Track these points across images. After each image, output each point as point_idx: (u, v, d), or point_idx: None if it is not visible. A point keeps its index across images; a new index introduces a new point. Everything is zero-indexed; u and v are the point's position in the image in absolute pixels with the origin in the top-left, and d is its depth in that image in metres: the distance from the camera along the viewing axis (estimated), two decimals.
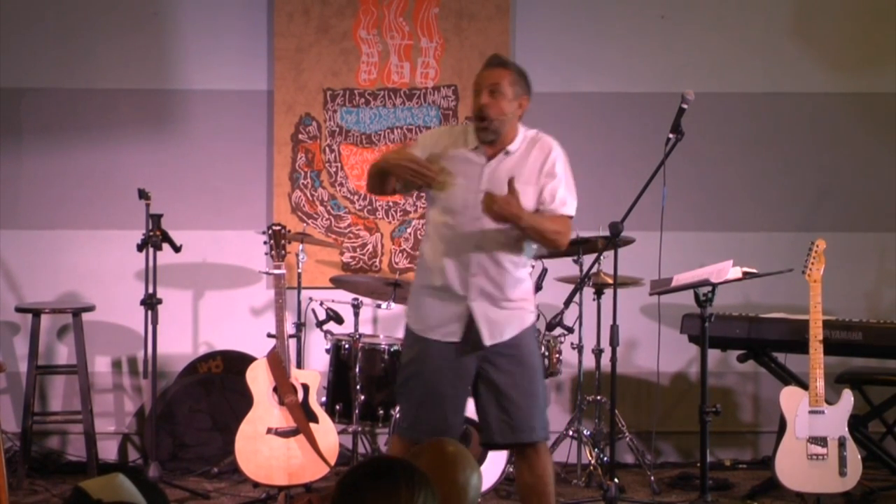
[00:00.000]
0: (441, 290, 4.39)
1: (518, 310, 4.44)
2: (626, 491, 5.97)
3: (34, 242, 6.59)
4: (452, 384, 4.40)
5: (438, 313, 4.40)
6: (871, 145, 6.81)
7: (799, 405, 5.50)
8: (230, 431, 5.81)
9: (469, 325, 4.37)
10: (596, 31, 6.71)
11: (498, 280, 4.38)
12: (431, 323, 4.42)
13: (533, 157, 4.42)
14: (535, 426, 4.41)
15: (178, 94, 6.63)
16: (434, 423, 4.35)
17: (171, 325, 6.33)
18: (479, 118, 4.37)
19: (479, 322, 4.36)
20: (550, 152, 4.44)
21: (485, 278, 4.37)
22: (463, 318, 4.38)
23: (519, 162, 4.40)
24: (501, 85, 4.38)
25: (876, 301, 6.76)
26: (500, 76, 4.40)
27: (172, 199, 6.26)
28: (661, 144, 5.23)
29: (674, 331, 6.15)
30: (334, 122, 6.64)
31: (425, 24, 6.65)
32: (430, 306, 4.42)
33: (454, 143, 4.42)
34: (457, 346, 4.38)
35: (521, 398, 4.39)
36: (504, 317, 4.40)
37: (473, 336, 4.37)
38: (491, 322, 4.38)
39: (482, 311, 4.37)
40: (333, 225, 6.67)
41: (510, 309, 4.41)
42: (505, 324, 4.40)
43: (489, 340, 4.37)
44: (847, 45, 6.78)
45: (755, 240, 6.72)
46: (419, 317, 4.46)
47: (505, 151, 4.40)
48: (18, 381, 6.45)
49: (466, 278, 4.36)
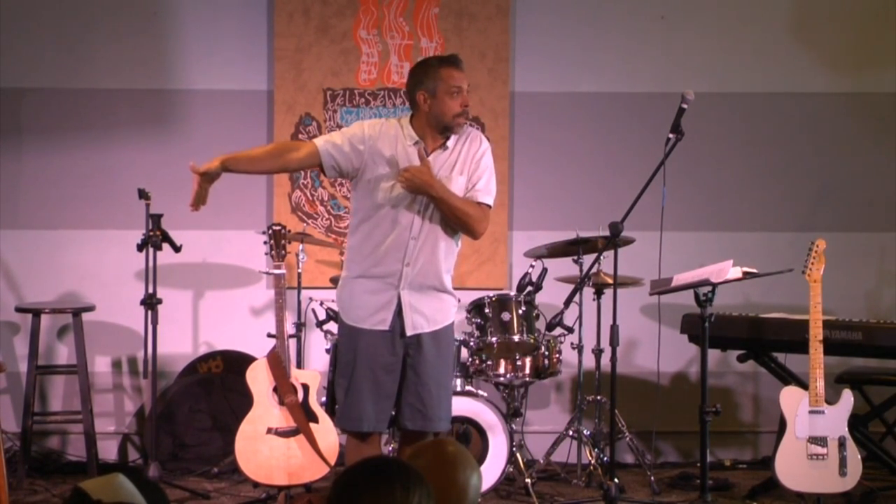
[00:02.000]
0: (375, 279, 4.57)
1: (443, 302, 4.64)
2: (626, 491, 5.97)
3: (34, 242, 6.59)
4: (387, 370, 4.57)
5: (369, 302, 4.57)
6: (871, 145, 6.81)
7: (799, 405, 5.50)
8: (230, 431, 5.81)
9: (398, 313, 4.56)
10: (596, 32, 6.71)
11: (429, 271, 4.58)
12: (362, 313, 4.59)
13: (465, 149, 4.64)
14: (443, 417, 4.65)
15: (178, 94, 6.63)
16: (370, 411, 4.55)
17: (171, 325, 6.33)
18: (463, 115, 4.58)
19: (405, 311, 4.55)
20: (480, 145, 4.67)
21: (418, 269, 4.55)
22: (392, 307, 4.55)
23: (455, 155, 4.62)
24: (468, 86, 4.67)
25: (876, 301, 6.76)
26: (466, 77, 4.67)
27: (172, 199, 6.24)
28: (661, 144, 5.23)
29: (674, 331, 6.15)
30: (334, 122, 6.64)
31: (425, 24, 6.65)
32: (361, 296, 4.59)
33: (395, 136, 4.58)
34: (385, 333, 4.56)
35: (437, 388, 4.61)
36: (431, 308, 4.60)
37: (401, 324, 4.56)
38: (417, 312, 4.57)
39: (410, 301, 4.56)
40: (333, 225, 6.67)
41: (437, 300, 4.62)
42: (430, 315, 4.60)
43: (412, 330, 4.56)
44: (847, 45, 6.78)
45: (755, 240, 6.72)
46: (351, 307, 4.62)
47: (443, 146, 4.60)
48: (18, 381, 6.45)
49: (401, 268, 4.54)
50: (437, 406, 4.61)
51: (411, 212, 4.53)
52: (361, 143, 4.56)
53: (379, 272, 4.56)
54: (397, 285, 4.55)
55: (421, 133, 4.59)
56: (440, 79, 4.57)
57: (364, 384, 4.57)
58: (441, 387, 4.64)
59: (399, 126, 4.62)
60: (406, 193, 4.51)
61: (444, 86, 4.56)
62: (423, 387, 4.58)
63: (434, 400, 4.60)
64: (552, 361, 5.90)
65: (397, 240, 4.54)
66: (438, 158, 4.59)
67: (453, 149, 4.62)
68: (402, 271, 4.54)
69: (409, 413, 4.60)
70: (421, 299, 4.58)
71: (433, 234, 4.56)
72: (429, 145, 4.59)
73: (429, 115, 4.58)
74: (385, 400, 4.58)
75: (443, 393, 4.65)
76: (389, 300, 4.55)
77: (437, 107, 4.56)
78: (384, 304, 4.56)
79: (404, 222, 4.53)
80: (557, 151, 6.69)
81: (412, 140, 4.57)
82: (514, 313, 5.78)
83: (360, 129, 4.60)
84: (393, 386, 4.59)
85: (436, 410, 4.60)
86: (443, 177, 4.54)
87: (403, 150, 4.56)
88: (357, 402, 4.58)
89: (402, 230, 4.53)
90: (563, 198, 6.64)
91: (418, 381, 4.59)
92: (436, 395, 4.60)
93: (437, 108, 4.56)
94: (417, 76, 4.63)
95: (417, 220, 4.54)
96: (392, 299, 4.55)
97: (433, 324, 4.61)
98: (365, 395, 4.56)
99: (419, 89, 4.59)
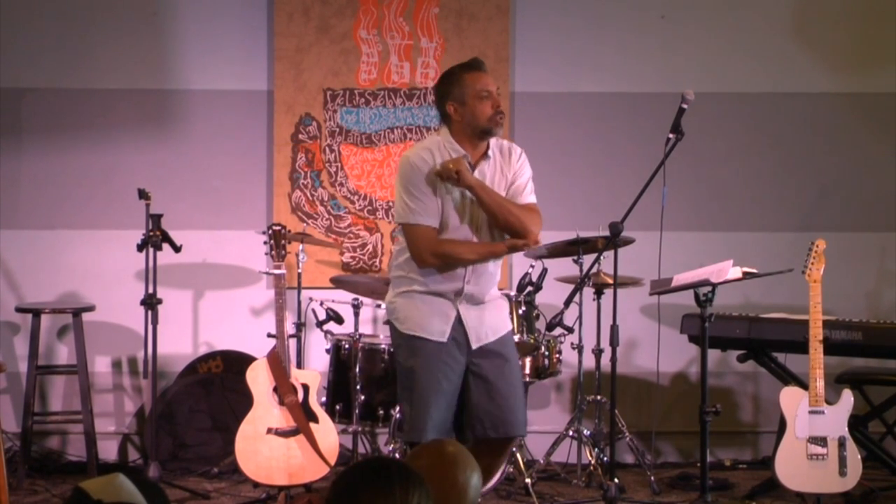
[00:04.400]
0: (433, 295, 4.54)
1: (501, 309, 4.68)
2: (626, 491, 5.97)
3: (34, 242, 6.59)
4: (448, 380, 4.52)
5: (428, 313, 4.54)
6: (871, 145, 6.81)
7: (799, 405, 5.50)
8: (230, 431, 5.81)
9: (456, 327, 4.53)
10: (596, 32, 6.71)
11: (487, 283, 4.62)
12: (423, 323, 4.54)
13: (504, 159, 4.63)
14: (521, 420, 4.61)
15: (178, 94, 6.63)
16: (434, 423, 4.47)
17: (171, 325, 6.33)
18: (497, 117, 4.53)
19: (468, 325, 4.54)
20: (519, 153, 4.67)
21: (475, 284, 4.55)
22: (450, 320, 4.54)
23: (496, 164, 4.61)
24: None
25: (876, 301, 6.76)
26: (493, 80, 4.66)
27: (172, 199, 6.27)
28: (661, 144, 5.23)
29: (674, 331, 6.16)
30: (334, 121, 6.64)
31: (425, 24, 6.65)
32: (420, 307, 4.55)
33: (441, 157, 4.53)
34: (446, 345, 4.52)
35: (512, 393, 4.57)
36: (492, 317, 4.61)
37: (462, 337, 4.54)
38: (479, 324, 4.57)
39: (470, 314, 4.56)
40: (333, 225, 6.67)
41: (496, 308, 4.65)
42: (492, 324, 4.60)
43: (476, 343, 4.56)
44: (847, 45, 6.78)
45: (755, 240, 6.72)
46: (408, 317, 4.57)
47: (485, 156, 4.58)
48: (18, 381, 6.45)
49: (461, 286, 4.53)
50: (516, 410, 4.56)
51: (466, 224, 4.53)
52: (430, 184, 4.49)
53: (438, 290, 4.54)
54: (456, 298, 4.55)
55: (462, 145, 4.54)
56: (465, 85, 4.53)
57: (427, 395, 4.50)
58: (515, 391, 4.60)
59: (443, 143, 4.55)
60: (461, 211, 4.51)
61: (472, 91, 4.52)
62: (498, 394, 4.53)
63: (512, 405, 4.55)
64: (552, 361, 5.90)
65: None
66: (483, 169, 4.57)
67: (496, 158, 4.60)
68: (463, 289, 4.54)
69: (490, 422, 4.53)
70: (481, 311, 4.59)
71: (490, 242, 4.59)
72: (473, 156, 4.57)
73: (462, 124, 4.53)
74: (447, 410, 4.52)
75: (518, 397, 4.61)
76: (448, 313, 4.54)
77: (469, 114, 4.52)
78: (444, 318, 4.54)
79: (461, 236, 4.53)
80: (557, 151, 6.69)
81: (459, 154, 4.52)
82: (515, 313, 5.78)
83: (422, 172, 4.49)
84: (454, 396, 4.53)
85: (515, 415, 4.55)
86: (492, 185, 4.54)
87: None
88: (421, 414, 4.50)
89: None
90: (563, 198, 6.63)
91: (491, 389, 4.53)
92: (512, 400, 4.56)
93: (469, 115, 4.52)
94: (443, 88, 4.59)
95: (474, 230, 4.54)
96: (451, 312, 4.54)
97: (495, 332, 4.60)
98: (428, 407, 4.49)
99: (447, 101, 4.55)
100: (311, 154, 6.65)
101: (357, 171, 6.65)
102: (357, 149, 6.66)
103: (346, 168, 6.66)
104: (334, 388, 5.98)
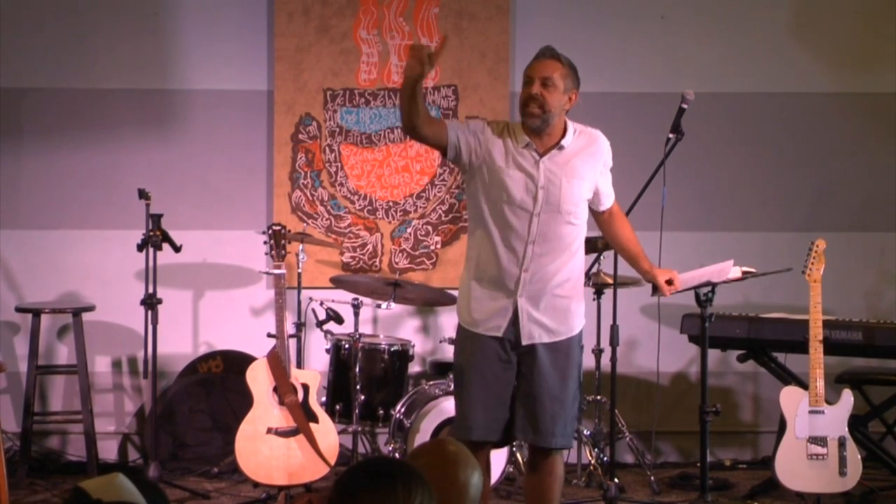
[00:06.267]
0: (491, 283, 4.37)
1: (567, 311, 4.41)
2: (626, 491, 5.98)
3: (34, 242, 6.59)
4: (499, 378, 4.37)
5: (485, 307, 4.38)
6: (871, 145, 6.81)
7: (799, 405, 5.50)
8: (230, 431, 5.81)
9: (513, 321, 4.35)
10: (596, 32, 6.71)
11: (551, 276, 4.36)
12: (478, 317, 4.39)
13: (586, 152, 4.43)
14: (557, 433, 4.38)
15: (178, 94, 6.63)
16: (480, 420, 4.35)
17: (171, 325, 6.33)
18: (527, 106, 4.33)
19: (522, 320, 4.35)
20: (605, 145, 4.50)
21: (536, 275, 4.34)
22: (508, 314, 4.35)
23: (573, 156, 4.40)
24: (553, 78, 4.36)
25: (876, 301, 6.76)
26: (553, 68, 4.38)
27: (172, 199, 6.26)
28: (661, 144, 5.23)
29: (674, 331, 6.16)
30: (334, 121, 6.64)
31: (425, 24, 6.65)
32: (479, 300, 4.39)
33: (507, 139, 4.37)
34: (500, 340, 4.36)
35: (550, 402, 4.36)
36: (551, 317, 4.38)
37: (516, 332, 4.36)
38: (534, 322, 4.36)
39: (527, 309, 4.35)
40: (333, 225, 6.67)
41: (560, 309, 4.39)
42: (550, 325, 4.39)
43: (527, 340, 4.36)
44: (847, 45, 6.78)
45: (755, 240, 6.72)
46: (467, 309, 4.42)
47: (558, 146, 4.38)
48: (18, 381, 6.45)
49: (518, 274, 4.33)
50: (550, 421, 4.35)
51: (526, 213, 4.32)
52: (485, 137, 4.34)
53: (495, 277, 4.35)
54: (515, 291, 4.34)
55: (527, 133, 4.36)
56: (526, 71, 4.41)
57: (475, 392, 4.36)
58: (556, 401, 4.36)
59: (510, 129, 4.39)
60: (522, 196, 4.31)
61: (524, 77, 4.39)
62: (534, 400, 4.35)
63: (546, 414, 4.34)
64: None
65: (513, 244, 4.33)
66: (555, 159, 4.36)
67: (573, 150, 4.40)
68: (520, 277, 4.33)
69: (521, 425, 4.36)
70: (541, 308, 4.36)
71: (554, 237, 4.35)
72: (538, 146, 4.37)
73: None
74: (497, 409, 4.36)
75: (557, 407, 4.36)
76: (505, 307, 4.35)
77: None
78: (500, 311, 4.35)
79: (519, 226, 4.32)
80: None
81: (523, 143, 4.35)
82: None
83: (483, 126, 4.39)
84: (506, 395, 4.36)
85: (548, 425, 4.35)
86: (561, 179, 4.33)
87: (514, 151, 4.35)
88: (468, 411, 4.38)
89: (518, 234, 4.32)
90: None
91: (530, 392, 4.35)
92: (549, 409, 4.34)
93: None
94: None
95: (535, 223, 4.32)
96: (508, 306, 4.35)
97: (553, 335, 4.38)
98: (475, 404, 4.36)
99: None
100: (311, 154, 6.65)
101: (357, 171, 6.65)
102: (357, 149, 6.66)
103: (346, 168, 6.66)
104: (334, 388, 5.98)
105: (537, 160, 4.35)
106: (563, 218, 4.37)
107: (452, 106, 6.65)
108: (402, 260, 6.65)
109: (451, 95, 6.65)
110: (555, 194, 4.34)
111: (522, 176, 4.33)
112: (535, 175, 4.34)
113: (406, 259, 6.65)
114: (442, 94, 6.65)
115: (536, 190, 4.32)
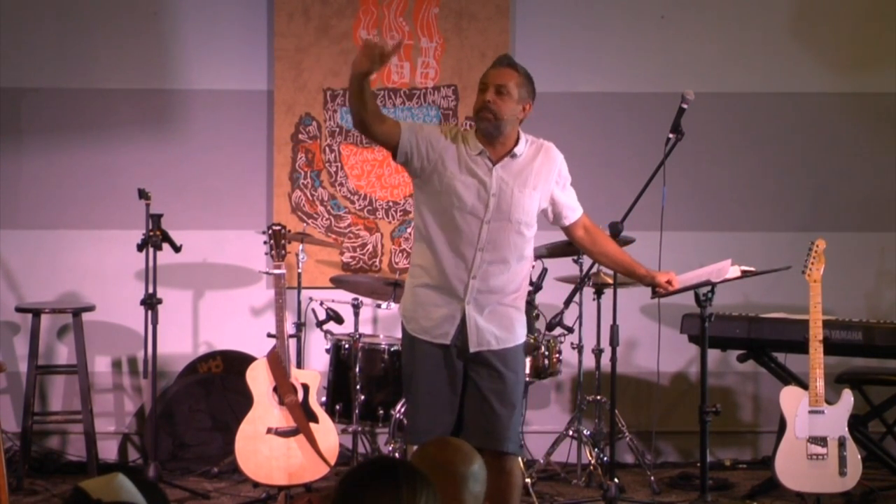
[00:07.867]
0: (438, 290, 4.34)
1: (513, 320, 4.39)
2: (626, 491, 5.98)
3: (34, 242, 6.59)
4: (446, 384, 4.36)
5: (432, 314, 4.35)
6: (871, 145, 6.81)
7: (799, 405, 5.50)
8: (230, 431, 5.81)
9: (461, 328, 4.33)
10: (596, 32, 6.71)
11: (496, 285, 4.34)
12: (425, 324, 4.36)
13: (539, 163, 4.40)
14: (511, 437, 4.37)
15: (178, 94, 6.63)
16: (431, 426, 4.33)
17: (171, 325, 6.33)
18: (481, 111, 4.31)
19: (469, 327, 4.32)
20: (558, 157, 4.47)
21: (484, 282, 4.32)
22: (456, 321, 4.33)
23: (525, 166, 4.38)
24: (508, 86, 4.34)
25: (876, 301, 6.76)
26: (509, 77, 4.36)
27: (172, 199, 6.27)
28: (661, 144, 5.23)
29: (674, 331, 6.16)
30: (334, 121, 6.64)
31: (425, 24, 6.65)
32: (425, 306, 4.37)
33: (455, 143, 4.35)
34: (446, 348, 4.34)
35: (501, 407, 4.34)
36: (498, 325, 4.36)
37: (463, 339, 4.33)
38: (482, 329, 4.34)
39: (475, 317, 4.33)
40: (333, 225, 6.67)
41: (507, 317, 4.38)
42: (498, 333, 4.36)
43: (475, 347, 4.33)
44: (847, 45, 6.79)
45: (755, 240, 6.72)
46: (414, 317, 4.40)
47: (511, 154, 4.35)
48: (18, 381, 6.45)
49: (467, 280, 4.31)
50: (504, 426, 4.32)
51: (477, 220, 4.28)
52: (438, 142, 4.31)
53: (443, 283, 4.31)
54: (463, 298, 4.30)
55: (480, 139, 4.33)
56: (482, 78, 4.40)
57: (422, 398, 4.35)
58: (507, 405, 4.34)
59: (463, 135, 4.37)
60: (473, 202, 4.27)
61: (479, 84, 4.37)
62: (486, 405, 4.31)
63: (499, 419, 4.32)
64: (552, 361, 5.90)
65: (462, 251, 4.29)
66: (507, 168, 4.33)
67: (526, 159, 4.37)
68: (469, 283, 4.29)
69: (475, 430, 4.30)
70: (488, 315, 4.33)
71: (503, 246, 4.32)
72: (493, 153, 4.33)
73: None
74: (446, 415, 4.33)
75: (508, 412, 4.34)
76: (453, 314, 4.32)
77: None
78: (447, 318, 4.32)
79: (469, 232, 4.28)
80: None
81: (477, 150, 4.31)
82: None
83: (437, 130, 4.37)
84: (454, 400, 4.34)
85: (502, 430, 4.32)
86: (513, 188, 4.31)
87: (467, 158, 4.31)
88: (418, 417, 4.38)
89: (468, 240, 4.29)
90: None
91: (481, 398, 4.32)
92: (501, 414, 4.32)
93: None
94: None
95: (485, 230, 4.28)
96: (456, 313, 4.31)
97: (500, 342, 4.36)
98: (424, 410, 4.35)
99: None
100: (311, 154, 6.65)
101: (357, 171, 6.65)
102: (357, 149, 6.66)
103: (346, 168, 6.66)
104: (334, 388, 5.98)
105: (490, 167, 4.33)
106: (514, 227, 4.33)
107: (452, 106, 6.65)
108: (402, 260, 6.65)
109: (451, 95, 6.65)
110: (506, 202, 4.31)
111: (475, 182, 4.31)
112: (487, 182, 4.31)
113: (406, 259, 6.65)
114: (442, 94, 6.65)
115: (488, 197, 4.30)
